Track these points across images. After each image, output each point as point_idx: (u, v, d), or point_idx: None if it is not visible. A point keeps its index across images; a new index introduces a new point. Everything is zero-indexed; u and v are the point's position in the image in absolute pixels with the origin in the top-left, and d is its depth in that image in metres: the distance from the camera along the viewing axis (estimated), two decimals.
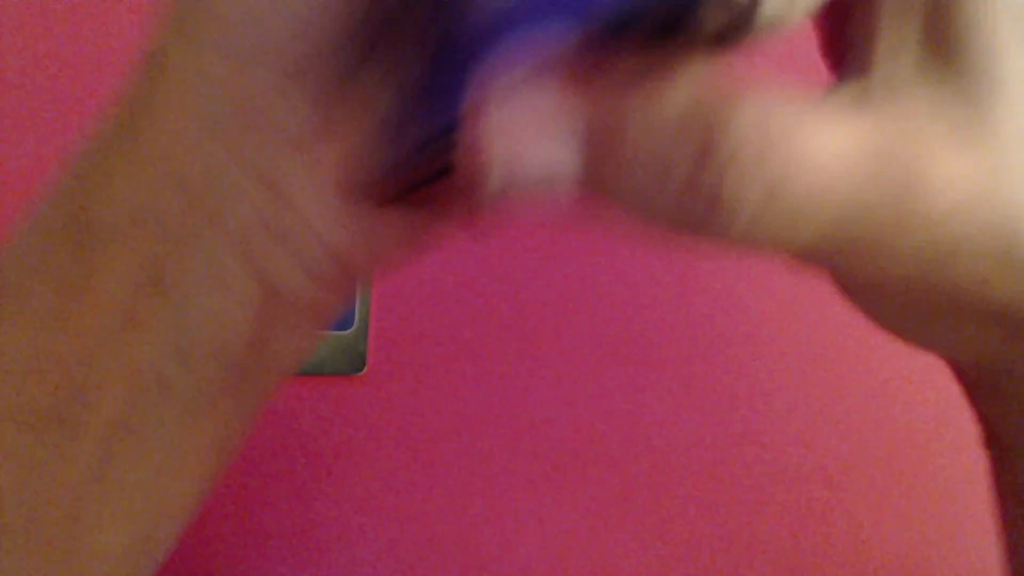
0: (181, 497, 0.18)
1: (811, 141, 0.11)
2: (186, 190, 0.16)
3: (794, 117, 0.11)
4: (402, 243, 0.19)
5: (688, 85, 0.12)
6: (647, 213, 0.13)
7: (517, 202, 0.14)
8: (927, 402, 0.37)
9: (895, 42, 0.12)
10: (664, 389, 0.36)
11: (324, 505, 0.34)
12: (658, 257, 0.38)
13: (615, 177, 0.13)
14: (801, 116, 0.11)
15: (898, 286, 0.13)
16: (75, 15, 0.43)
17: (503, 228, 0.38)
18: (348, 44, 0.16)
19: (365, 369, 0.36)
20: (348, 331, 0.36)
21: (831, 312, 0.38)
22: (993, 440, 0.17)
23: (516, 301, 0.37)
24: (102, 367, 0.17)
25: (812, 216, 0.11)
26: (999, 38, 0.12)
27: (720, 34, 0.11)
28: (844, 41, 0.13)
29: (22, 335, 0.17)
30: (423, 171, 0.17)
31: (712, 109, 0.11)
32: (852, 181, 0.11)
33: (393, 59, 0.18)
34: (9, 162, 0.40)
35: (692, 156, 0.11)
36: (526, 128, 0.12)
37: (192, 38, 0.16)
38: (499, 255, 0.38)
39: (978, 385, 0.15)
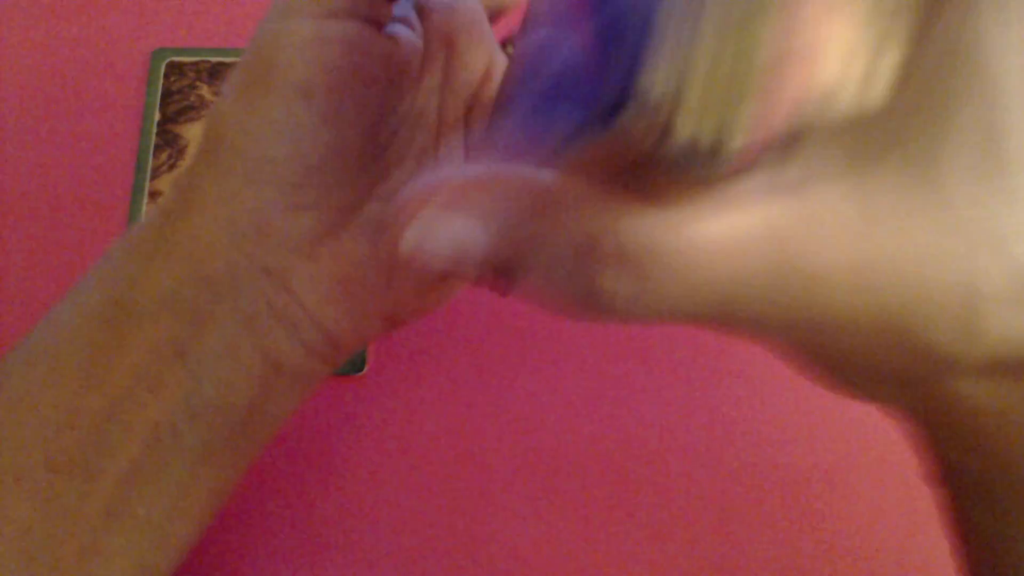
0: (183, 534, 0.22)
1: (690, 232, 0.12)
2: (210, 284, 0.20)
3: (676, 216, 0.12)
4: (392, 320, 0.24)
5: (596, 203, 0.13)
6: (545, 297, 0.14)
7: (433, 275, 0.19)
8: None
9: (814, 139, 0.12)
10: (664, 389, 0.36)
11: (324, 505, 0.34)
12: None
13: (516, 262, 0.14)
14: (683, 215, 0.12)
15: (801, 354, 0.14)
16: (75, 15, 0.43)
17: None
18: (340, 163, 0.21)
19: (365, 369, 0.36)
20: None
21: None
22: (949, 478, 0.16)
23: (516, 301, 0.37)
24: (125, 421, 0.20)
25: (691, 295, 0.12)
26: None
27: (684, 167, 0.11)
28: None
29: (57, 393, 0.20)
30: None
31: (601, 218, 0.12)
32: (735, 262, 0.12)
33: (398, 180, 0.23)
34: (9, 162, 0.40)
35: (576, 254, 0.13)
36: (449, 200, 0.14)
37: (219, 167, 0.20)
38: None
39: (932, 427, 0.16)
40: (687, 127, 0.10)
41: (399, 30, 0.23)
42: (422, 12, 0.24)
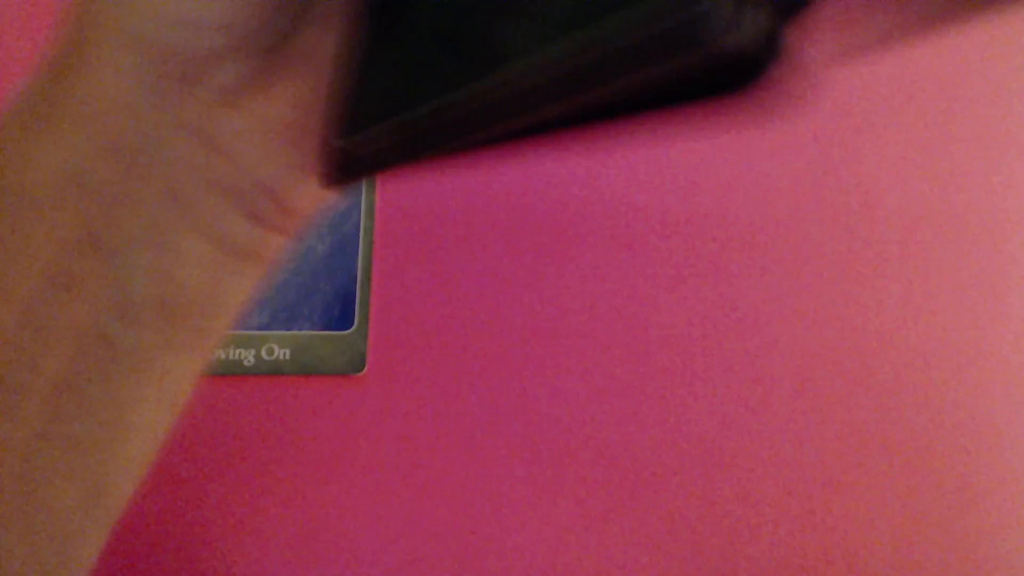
0: (131, 451, 0.19)
1: None
2: (117, 149, 0.16)
3: None
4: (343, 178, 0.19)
5: None
6: None
7: None
8: (928, 402, 0.37)
9: None
10: (664, 389, 0.36)
11: (324, 505, 0.34)
12: (657, 259, 0.38)
13: None
14: None
15: None
16: None
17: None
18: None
19: (365, 369, 0.36)
20: (348, 331, 0.36)
21: (831, 313, 0.38)
22: None
23: (516, 301, 0.37)
24: (42, 328, 0.17)
25: None
26: None
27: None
28: None
29: None
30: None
31: None
32: None
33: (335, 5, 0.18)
34: None
35: None
36: None
37: (120, 4, 0.16)
38: (499, 256, 0.38)
39: None
40: None
41: None
42: None
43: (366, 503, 0.34)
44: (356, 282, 0.37)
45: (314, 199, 0.19)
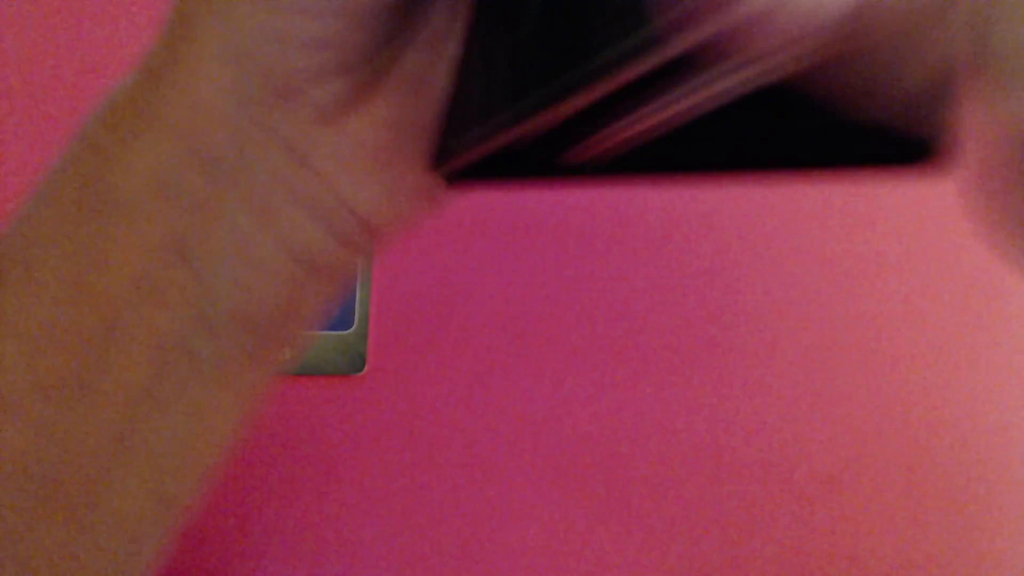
0: (201, 460, 0.19)
1: None
2: (212, 162, 0.16)
3: None
4: (424, 201, 0.19)
5: None
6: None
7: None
8: (928, 402, 0.37)
9: None
10: (664, 389, 0.36)
11: (324, 505, 0.34)
12: (657, 259, 0.38)
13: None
14: None
15: None
16: (76, 16, 0.43)
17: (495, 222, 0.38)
18: (381, 14, 0.16)
19: (365, 369, 0.36)
20: (348, 331, 0.36)
21: (830, 313, 0.38)
22: None
23: (516, 301, 0.37)
24: (125, 336, 0.17)
25: None
26: None
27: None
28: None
29: (38, 307, 0.17)
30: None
31: None
32: None
33: (437, 26, 0.18)
34: (9, 164, 0.40)
35: None
36: None
37: (221, 10, 0.16)
38: (499, 256, 0.38)
39: None
40: None
41: None
42: None
43: (366, 503, 0.34)
44: (356, 282, 0.37)
45: (395, 221, 0.19)
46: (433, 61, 0.18)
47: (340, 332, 0.36)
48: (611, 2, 0.13)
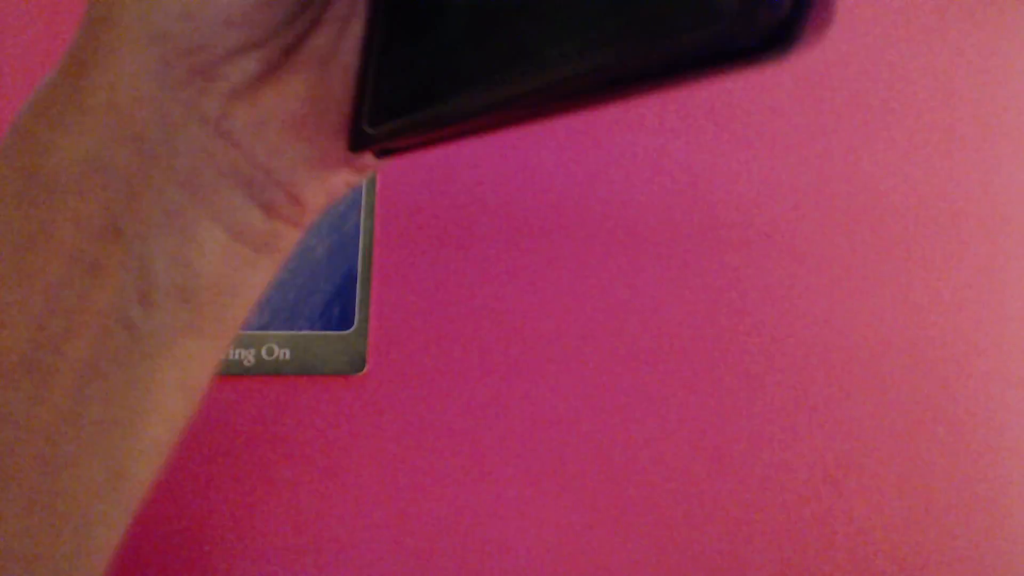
0: (152, 434, 0.19)
1: None
2: (138, 139, 0.17)
3: None
4: (349, 171, 0.20)
5: None
6: None
7: None
8: (928, 403, 0.37)
9: None
10: (663, 388, 0.36)
11: (324, 505, 0.34)
12: (658, 258, 0.38)
13: None
14: None
15: None
16: (75, 16, 0.43)
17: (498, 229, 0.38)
18: None
19: (365, 369, 0.36)
20: (348, 331, 0.36)
21: (830, 313, 0.38)
22: None
23: (516, 301, 0.37)
24: (68, 314, 0.17)
25: None
26: None
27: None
28: None
29: None
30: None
31: None
32: None
33: (342, 5, 0.19)
34: None
35: None
36: None
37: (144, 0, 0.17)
38: (499, 256, 0.38)
39: None
40: None
41: None
42: None
43: (366, 503, 0.34)
44: (356, 282, 0.37)
45: (325, 193, 0.20)
46: (339, 39, 0.19)
47: (340, 332, 0.36)
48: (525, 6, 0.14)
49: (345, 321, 0.37)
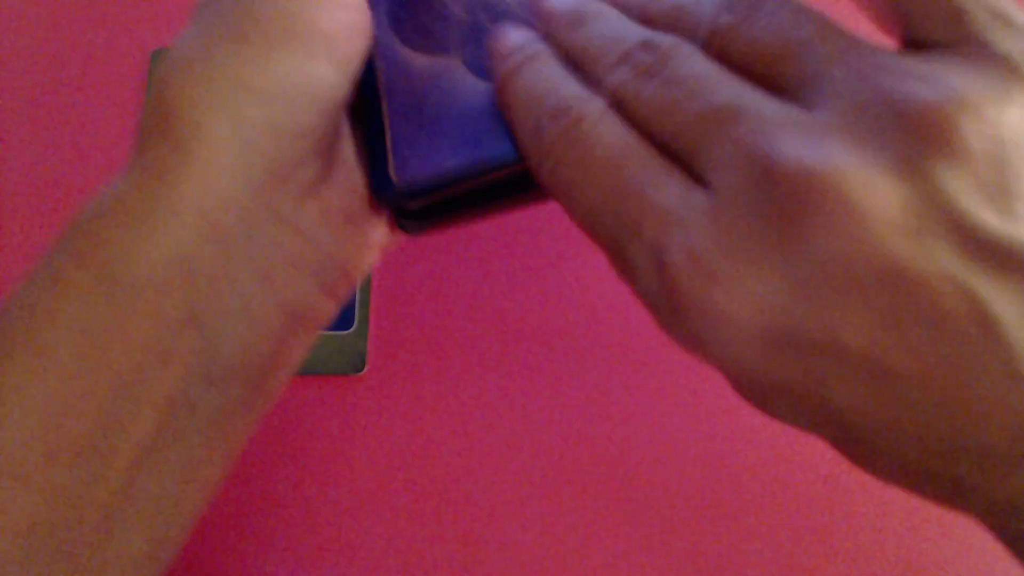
0: (196, 502, 0.21)
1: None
2: (222, 239, 0.19)
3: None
4: (388, 244, 0.24)
5: None
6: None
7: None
8: None
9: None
10: (663, 390, 0.36)
11: (324, 505, 0.34)
12: None
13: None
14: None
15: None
16: (75, 16, 0.43)
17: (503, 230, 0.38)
18: (340, 106, 0.21)
19: (365, 369, 0.36)
20: (348, 331, 0.37)
21: None
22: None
23: (516, 301, 0.37)
24: (136, 399, 0.18)
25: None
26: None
27: None
28: None
29: (49, 382, 0.18)
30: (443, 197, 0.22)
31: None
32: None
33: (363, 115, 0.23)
34: (9, 163, 0.40)
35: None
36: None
37: (230, 112, 0.19)
38: (499, 256, 0.38)
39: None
40: None
41: None
42: None
43: (366, 503, 0.35)
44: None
45: (367, 268, 0.23)
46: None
47: (340, 332, 0.36)
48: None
49: (345, 321, 0.37)
